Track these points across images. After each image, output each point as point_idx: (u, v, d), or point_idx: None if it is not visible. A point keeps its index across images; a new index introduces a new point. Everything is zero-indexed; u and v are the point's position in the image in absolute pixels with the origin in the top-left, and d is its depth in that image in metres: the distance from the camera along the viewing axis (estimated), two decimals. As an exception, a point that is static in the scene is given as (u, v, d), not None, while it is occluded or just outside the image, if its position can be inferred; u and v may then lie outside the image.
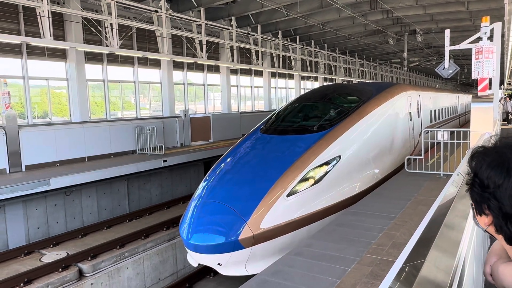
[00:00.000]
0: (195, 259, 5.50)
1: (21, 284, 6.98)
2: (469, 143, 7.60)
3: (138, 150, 13.34)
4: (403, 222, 5.27)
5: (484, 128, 6.55)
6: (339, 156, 6.55)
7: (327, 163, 6.38)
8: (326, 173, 6.27)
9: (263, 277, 3.86)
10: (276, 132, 7.38)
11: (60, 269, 7.44)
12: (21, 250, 8.51)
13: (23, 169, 10.38)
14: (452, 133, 8.64)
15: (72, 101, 13.19)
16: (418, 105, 10.71)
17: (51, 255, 8.15)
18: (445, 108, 15.54)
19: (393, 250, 4.32)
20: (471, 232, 1.77)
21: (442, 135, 8.27)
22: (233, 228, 5.16)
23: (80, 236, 9.32)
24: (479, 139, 5.01)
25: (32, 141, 10.59)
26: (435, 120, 13.19)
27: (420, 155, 8.67)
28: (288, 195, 5.70)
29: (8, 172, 10.05)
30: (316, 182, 6.10)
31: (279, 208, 5.53)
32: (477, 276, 2.13)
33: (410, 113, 9.81)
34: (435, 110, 13.31)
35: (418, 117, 10.64)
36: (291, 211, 5.65)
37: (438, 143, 8.76)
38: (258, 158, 6.63)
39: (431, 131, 9.11)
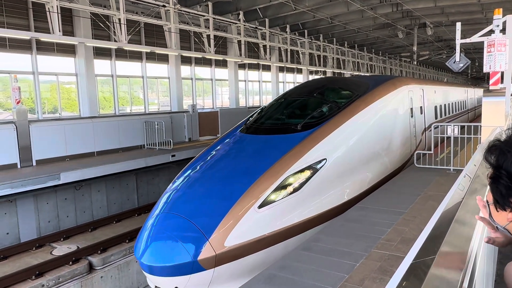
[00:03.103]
0: (151, 281, 4.77)
1: (33, 277, 7.09)
2: (480, 137, 7.49)
3: (147, 145, 13.42)
4: (412, 217, 5.23)
5: (495, 122, 6.44)
6: (325, 159, 5.72)
7: (310, 168, 5.54)
8: (309, 179, 5.45)
9: (271, 272, 3.86)
10: (256, 131, 6.55)
11: (70, 262, 7.54)
12: (33, 243, 8.64)
13: (34, 163, 10.51)
14: (462, 127, 8.52)
15: (81, 96, 13.29)
16: (421, 100, 9.86)
17: (61, 249, 8.26)
18: (452, 103, 14.65)
19: (402, 245, 4.29)
20: (482, 229, 1.74)
21: (452, 130, 8.17)
22: (192, 247, 4.41)
23: (90, 230, 9.44)
24: (490, 133, 4.93)
25: (42, 136, 10.71)
26: (441, 116, 12.25)
27: (423, 155, 8.39)
28: (261, 206, 4.90)
29: (19, 166, 10.19)
30: (296, 189, 5.28)
31: (248, 222, 4.75)
32: (488, 273, 2.11)
33: (412, 109, 8.95)
34: (440, 106, 12.39)
35: (421, 113, 9.80)
36: (263, 225, 4.86)
37: (448, 137, 8.67)
38: (231, 162, 5.77)
39: (441, 125, 8.97)
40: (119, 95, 15.12)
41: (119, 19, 11.41)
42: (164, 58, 16.34)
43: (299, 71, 25.81)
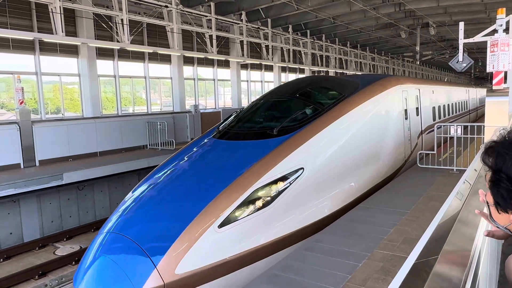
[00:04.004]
0: None
1: (36, 277, 7.12)
2: (483, 137, 7.47)
3: (149, 145, 13.44)
4: (415, 217, 5.22)
5: (499, 122, 6.42)
6: (302, 168, 5.08)
7: (284, 178, 4.90)
8: (282, 191, 4.80)
9: (273, 272, 3.86)
10: (228, 136, 5.88)
11: (73, 262, 7.57)
12: (36, 243, 8.68)
13: (37, 164, 10.55)
14: (465, 127, 8.49)
15: (84, 97, 13.33)
16: (417, 100, 9.27)
17: (64, 248, 8.29)
18: (452, 104, 13.98)
19: (405, 245, 4.28)
20: (485, 229, 1.73)
21: (455, 130, 8.15)
22: (136, 276, 3.74)
23: (92, 230, 9.47)
24: (493, 134, 4.92)
25: (46, 136, 10.75)
26: (440, 118, 11.56)
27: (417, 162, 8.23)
28: (222, 225, 4.24)
29: (22, 166, 10.23)
30: (266, 204, 4.64)
31: (206, 244, 4.08)
32: (491, 272, 2.10)
33: (406, 110, 8.32)
34: (439, 106, 11.72)
35: (418, 114, 9.21)
36: (224, 247, 4.21)
37: (451, 138, 8.63)
38: (192, 173, 5.10)
39: (444, 125, 8.93)
40: (122, 95, 15.16)
41: (122, 20, 11.44)
42: (166, 59, 16.36)
43: (302, 71, 25.79)
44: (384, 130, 7.24)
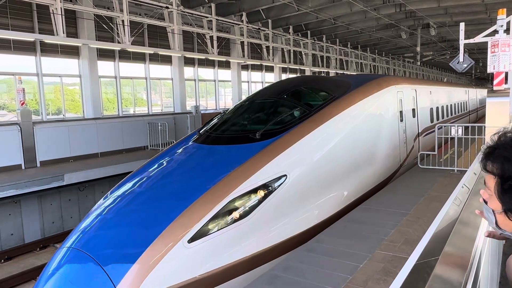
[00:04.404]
0: None
1: (37, 278, 7.12)
2: (484, 138, 7.47)
3: (150, 146, 13.45)
4: (416, 218, 5.22)
5: (500, 123, 6.42)
6: (285, 176, 4.71)
7: (264, 187, 4.53)
8: (261, 201, 4.43)
9: (274, 272, 3.86)
10: (208, 140, 5.50)
11: (74, 263, 7.56)
12: (37, 244, 8.69)
13: (38, 164, 10.56)
14: (466, 128, 8.48)
15: (85, 98, 13.35)
16: (413, 101, 8.89)
17: (65, 249, 8.29)
18: (451, 105, 13.55)
19: (406, 246, 4.27)
20: (486, 229, 1.73)
21: (456, 130, 8.14)
22: None
23: (93, 231, 9.46)
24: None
25: (47, 137, 10.77)
26: (438, 119, 11.14)
27: (414, 165, 8.00)
28: (192, 240, 3.85)
29: (23, 167, 10.24)
30: (244, 215, 4.26)
31: (173, 262, 3.71)
32: (492, 273, 2.10)
33: (401, 111, 7.93)
34: (437, 108, 11.32)
35: (414, 116, 8.82)
36: (195, 264, 3.83)
37: (452, 138, 8.62)
38: (165, 182, 4.73)
39: (444, 126, 8.92)
40: (123, 96, 15.17)
41: (123, 21, 11.46)
42: (167, 60, 16.38)
43: (302, 72, 25.80)
44: (377, 133, 6.84)
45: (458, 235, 1.42)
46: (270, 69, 22.96)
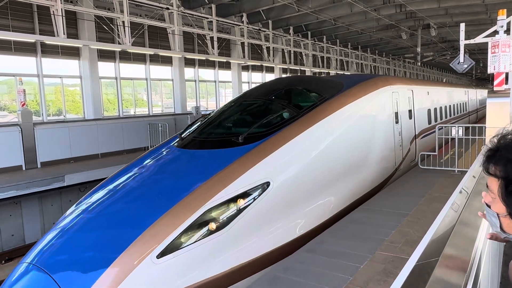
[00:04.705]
0: None
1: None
2: (485, 139, 7.46)
3: (151, 147, 13.45)
4: (417, 219, 5.21)
5: (500, 123, 6.41)
6: (268, 183, 4.39)
7: (245, 195, 4.21)
8: (241, 210, 4.11)
9: (275, 273, 3.85)
10: (189, 145, 5.19)
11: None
12: (37, 245, 8.68)
13: (39, 165, 10.57)
14: (466, 128, 8.48)
15: (86, 99, 13.36)
16: (410, 102, 8.56)
17: (66, 250, 8.29)
18: (450, 106, 13.23)
19: (406, 247, 4.27)
20: (486, 230, 1.73)
21: (456, 131, 8.14)
22: None
23: (94, 232, 9.47)
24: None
25: (47, 138, 10.77)
26: (436, 121, 10.77)
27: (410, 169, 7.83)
28: (162, 255, 3.54)
29: (24, 168, 10.25)
30: (221, 227, 3.93)
31: (139, 279, 3.42)
32: (493, 274, 2.09)
33: (397, 113, 7.63)
34: (435, 109, 11.02)
35: (411, 118, 8.51)
36: (164, 282, 3.54)
37: (452, 139, 8.61)
38: (138, 190, 4.37)
39: (445, 126, 8.91)
40: (123, 97, 15.19)
41: (123, 22, 11.47)
42: (167, 60, 16.39)
43: (303, 73, 25.81)
44: (370, 136, 6.52)
45: (459, 236, 1.42)
46: (270, 69, 22.97)
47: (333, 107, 5.76)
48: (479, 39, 7.52)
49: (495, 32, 7.11)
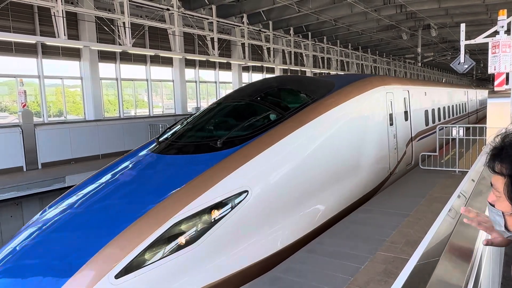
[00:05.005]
0: None
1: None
2: (485, 139, 7.46)
3: (151, 148, 13.46)
4: (417, 219, 5.21)
5: (501, 124, 6.41)
6: (247, 191, 4.04)
7: (220, 205, 3.85)
8: (216, 222, 3.74)
9: (275, 274, 3.85)
10: (165, 149, 4.82)
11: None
12: (38, 246, 8.69)
13: (39, 166, 10.58)
14: (467, 129, 8.47)
15: (86, 100, 13.37)
16: (405, 103, 8.26)
17: (67, 251, 8.30)
18: (448, 107, 12.93)
19: (407, 247, 4.27)
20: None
21: (457, 131, 8.14)
22: None
23: (95, 233, 9.48)
24: (492, 139, 4.91)
25: (48, 139, 10.78)
26: (433, 122, 10.46)
27: (406, 172, 7.65)
28: (121, 275, 3.19)
29: (25, 169, 10.25)
30: (191, 241, 3.58)
31: None
32: (494, 275, 2.09)
33: (391, 114, 7.32)
34: (433, 110, 10.73)
35: (407, 119, 8.24)
36: None
37: (453, 139, 8.60)
38: (103, 202, 4.00)
39: (446, 127, 8.91)
40: (124, 98, 15.20)
41: (124, 23, 11.48)
42: (168, 61, 16.40)
43: (303, 73, 25.82)
44: (361, 139, 6.17)
45: (459, 236, 1.42)
46: (271, 70, 22.98)
47: (321, 108, 5.41)
48: (480, 39, 7.53)
49: (496, 33, 7.12)
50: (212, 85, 19.69)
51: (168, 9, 12.98)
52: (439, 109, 11.52)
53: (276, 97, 5.87)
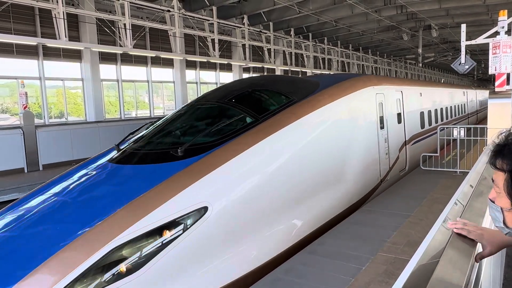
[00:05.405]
0: None
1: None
2: (486, 140, 7.45)
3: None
4: (419, 220, 5.20)
5: (502, 124, 6.41)
6: (206, 208, 3.49)
7: (172, 225, 3.31)
8: (166, 245, 3.21)
9: (276, 275, 3.85)
10: (123, 159, 4.26)
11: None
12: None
13: (41, 168, 10.59)
14: (468, 129, 8.46)
15: (87, 101, 13.40)
16: (398, 105, 7.82)
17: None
18: (446, 108, 12.47)
19: (408, 248, 4.26)
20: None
21: (458, 132, 8.13)
22: None
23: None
24: (495, 135, 4.91)
25: (49, 141, 10.80)
26: (430, 125, 10.01)
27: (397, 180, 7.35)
28: None
29: (26, 171, 10.27)
30: (134, 269, 3.06)
31: None
32: (495, 275, 2.09)
33: (382, 117, 6.84)
34: (429, 111, 10.23)
35: (400, 122, 7.78)
36: None
37: (454, 140, 8.59)
38: (36, 223, 3.38)
39: (447, 127, 8.89)
40: (125, 99, 15.22)
41: (124, 24, 11.51)
42: (169, 63, 16.43)
43: (304, 74, 25.83)
44: (347, 144, 5.64)
45: (460, 237, 1.42)
46: (271, 71, 23.00)
47: (300, 111, 4.89)
48: (480, 40, 7.53)
49: (496, 33, 7.12)
50: (213, 86, 19.70)
51: (168, 11, 13.00)
52: (436, 110, 11.11)
53: (251, 98, 5.28)
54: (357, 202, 5.80)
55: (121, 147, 4.64)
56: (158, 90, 16.82)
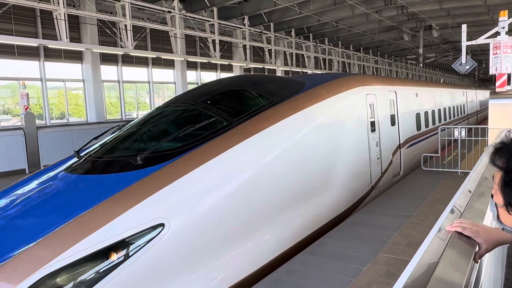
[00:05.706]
0: None
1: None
2: (487, 140, 7.45)
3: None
4: (419, 220, 5.20)
5: (502, 124, 6.40)
6: (162, 225, 3.06)
7: (121, 246, 2.89)
8: (112, 269, 2.79)
9: (277, 276, 3.85)
10: (79, 167, 3.89)
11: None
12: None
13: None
14: (469, 130, 8.46)
15: (88, 102, 13.42)
16: (392, 106, 7.41)
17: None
18: (444, 109, 12.06)
19: (409, 249, 4.26)
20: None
21: (459, 132, 8.13)
22: None
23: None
24: (497, 136, 4.91)
25: (50, 142, 10.82)
26: (427, 126, 9.64)
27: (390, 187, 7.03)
28: None
29: (27, 172, 10.29)
30: None
31: None
32: (496, 276, 2.09)
33: (373, 119, 6.42)
34: (426, 113, 9.80)
35: (394, 124, 7.39)
36: None
37: (455, 140, 8.59)
38: None
39: (448, 128, 8.88)
40: (126, 100, 15.25)
41: (125, 25, 11.53)
42: (170, 63, 16.45)
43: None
44: (332, 150, 5.22)
45: (460, 238, 1.42)
46: (272, 72, 23.01)
47: (280, 114, 4.47)
48: (481, 40, 7.53)
49: (497, 33, 7.12)
50: (213, 87, 19.73)
51: (169, 12, 13.02)
52: (433, 111, 10.67)
53: (226, 100, 4.83)
54: (345, 211, 5.38)
55: (81, 154, 4.26)
56: (159, 91, 16.85)
